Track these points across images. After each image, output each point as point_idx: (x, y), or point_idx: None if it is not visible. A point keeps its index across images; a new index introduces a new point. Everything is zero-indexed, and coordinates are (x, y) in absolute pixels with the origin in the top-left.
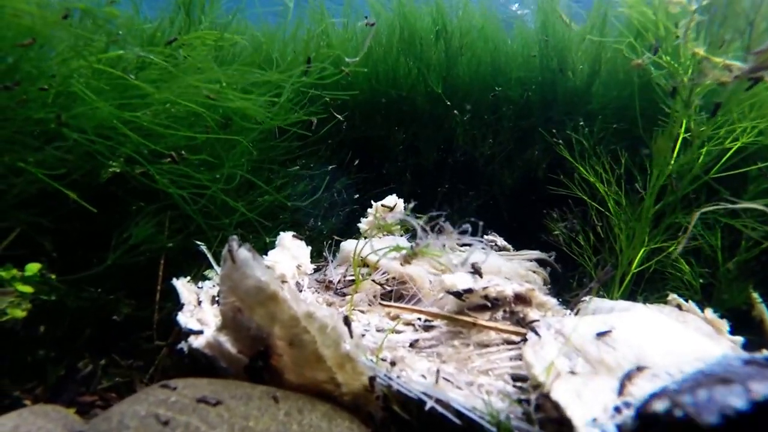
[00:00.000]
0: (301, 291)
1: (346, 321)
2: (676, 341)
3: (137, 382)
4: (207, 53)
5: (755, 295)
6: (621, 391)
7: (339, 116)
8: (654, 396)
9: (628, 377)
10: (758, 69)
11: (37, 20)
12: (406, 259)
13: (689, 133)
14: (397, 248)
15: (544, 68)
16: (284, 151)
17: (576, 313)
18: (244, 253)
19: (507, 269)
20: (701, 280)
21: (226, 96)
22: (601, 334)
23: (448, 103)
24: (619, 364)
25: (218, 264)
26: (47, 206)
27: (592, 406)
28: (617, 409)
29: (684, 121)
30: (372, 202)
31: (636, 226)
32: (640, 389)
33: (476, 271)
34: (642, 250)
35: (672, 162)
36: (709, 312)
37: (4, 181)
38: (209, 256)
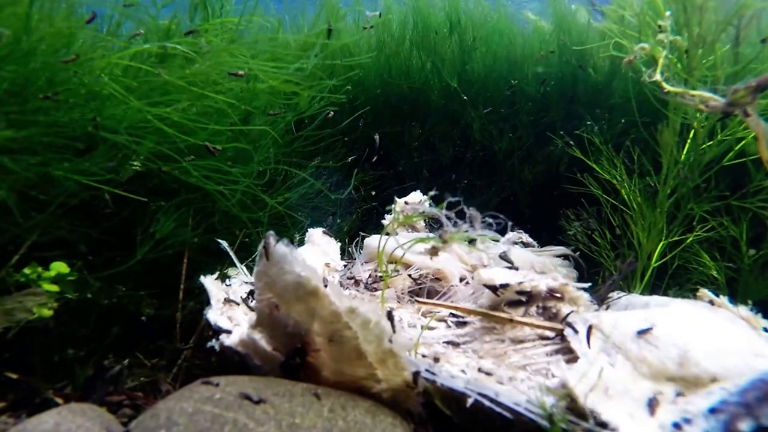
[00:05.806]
0: None
1: (389, 316)
2: (722, 338)
3: (162, 382)
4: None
5: None
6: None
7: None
8: (715, 410)
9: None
10: (731, 105)
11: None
12: (434, 251)
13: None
14: (423, 240)
15: (562, 63)
16: (303, 145)
17: (606, 309)
18: (282, 248)
19: (538, 263)
20: (726, 274)
21: (253, 70)
22: (642, 332)
23: (465, 97)
24: (663, 363)
25: (241, 262)
26: (81, 210)
27: (647, 424)
28: (677, 426)
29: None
30: (396, 198)
31: (652, 217)
32: (694, 404)
33: (511, 263)
34: (660, 244)
35: (683, 154)
36: (743, 308)
37: (49, 192)
38: (231, 254)
